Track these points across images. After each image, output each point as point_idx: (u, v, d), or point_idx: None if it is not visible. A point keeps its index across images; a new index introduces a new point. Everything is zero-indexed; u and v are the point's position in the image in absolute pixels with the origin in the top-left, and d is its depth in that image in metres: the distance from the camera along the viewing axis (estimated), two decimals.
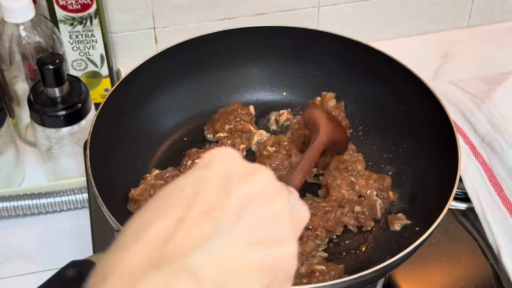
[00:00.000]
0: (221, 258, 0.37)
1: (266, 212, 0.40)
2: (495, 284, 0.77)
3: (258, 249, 0.38)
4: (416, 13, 1.13)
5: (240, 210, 0.39)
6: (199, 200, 0.39)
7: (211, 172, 0.41)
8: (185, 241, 0.37)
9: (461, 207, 0.85)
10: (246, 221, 0.39)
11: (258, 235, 0.39)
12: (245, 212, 0.39)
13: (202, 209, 0.38)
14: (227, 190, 0.40)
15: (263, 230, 0.39)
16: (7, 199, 0.85)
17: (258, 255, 0.38)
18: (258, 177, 0.41)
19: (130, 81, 0.81)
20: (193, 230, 0.37)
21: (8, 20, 0.84)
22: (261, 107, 0.90)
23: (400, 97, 0.84)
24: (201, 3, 1.02)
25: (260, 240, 0.39)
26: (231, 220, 0.38)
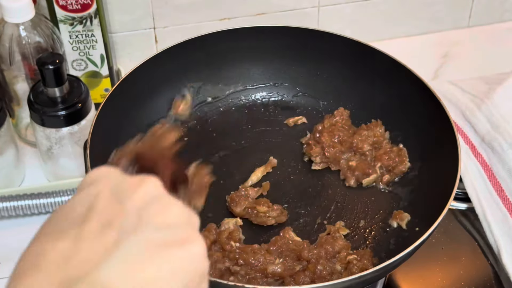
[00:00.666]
0: (131, 267, 0.36)
1: (165, 216, 0.40)
2: (495, 284, 0.77)
3: (169, 251, 0.38)
4: (416, 13, 1.13)
5: (140, 216, 0.39)
6: (93, 216, 0.38)
7: (100, 187, 0.40)
8: (89, 257, 0.36)
9: (461, 207, 0.85)
10: (149, 225, 0.38)
11: (164, 237, 0.38)
12: (145, 217, 0.39)
13: (100, 223, 0.37)
14: (121, 202, 0.39)
15: (168, 232, 0.39)
16: (7, 199, 0.85)
17: (168, 258, 0.37)
18: (148, 185, 0.41)
19: (130, 81, 0.81)
20: (95, 244, 0.36)
21: (8, 20, 0.84)
22: (261, 107, 0.90)
23: (400, 97, 0.84)
24: (201, 3, 1.02)
25: (166, 243, 0.38)
26: (132, 226, 0.38)
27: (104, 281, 0.34)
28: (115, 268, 0.35)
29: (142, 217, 0.39)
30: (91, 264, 0.35)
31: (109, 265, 0.35)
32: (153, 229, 0.38)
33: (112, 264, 0.35)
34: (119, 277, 0.35)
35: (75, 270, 0.35)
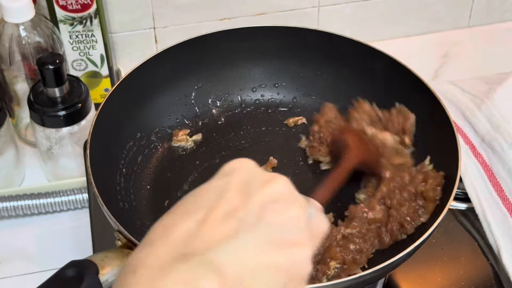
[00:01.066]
0: (243, 256, 0.39)
1: (285, 216, 0.42)
2: (495, 284, 0.77)
3: (277, 250, 0.41)
4: (416, 13, 1.13)
5: (261, 213, 0.41)
6: (221, 203, 0.41)
7: (233, 179, 0.44)
8: (208, 239, 0.39)
9: (461, 207, 0.85)
10: (266, 223, 0.41)
11: (276, 237, 0.41)
12: (265, 215, 0.42)
13: (224, 211, 0.41)
14: (248, 195, 0.42)
15: (281, 233, 0.42)
16: (7, 199, 0.85)
17: (276, 256, 0.41)
18: (277, 183, 0.44)
19: (130, 81, 0.81)
20: (216, 229, 0.40)
21: (8, 20, 0.84)
22: (261, 108, 0.90)
23: (400, 97, 0.84)
24: (201, 3, 1.02)
25: (278, 242, 0.41)
26: (252, 221, 0.41)
27: (216, 262, 0.38)
28: (228, 254, 0.39)
29: (263, 214, 0.41)
30: (208, 245, 0.39)
31: (224, 250, 0.39)
32: (269, 228, 0.41)
33: (226, 250, 0.39)
34: (230, 262, 0.38)
35: (194, 248, 0.39)
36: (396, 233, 0.71)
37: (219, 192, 0.42)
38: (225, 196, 0.42)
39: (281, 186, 0.44)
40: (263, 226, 0.41)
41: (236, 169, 0.45)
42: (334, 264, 0.69)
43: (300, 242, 0.43)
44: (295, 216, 0.43)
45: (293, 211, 0.43)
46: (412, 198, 0.73)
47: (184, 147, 0.85)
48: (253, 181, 0.44)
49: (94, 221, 0.80)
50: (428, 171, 0.75)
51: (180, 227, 0.40)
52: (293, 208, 0.43)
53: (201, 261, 0.38)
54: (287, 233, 0.42)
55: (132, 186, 0.78)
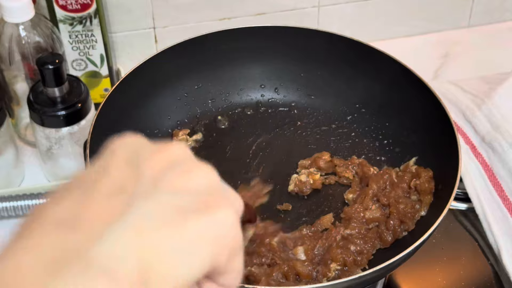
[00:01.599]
0: (141, 237, 0.30)
1: (191, 179, 0.34)
2: (495, 284, 0.77)
3: (188, 217, 0.32)
4: (416, 13, 1.13)
5: (156, 180, 0.33)
6: (103, 178, 0.33)
7: (117, 153, 0.35)
8: (90, 225, 0.30)
9: (461, 207, 0.85)
10: (166, 189, 0.32)
11: (185, 201, 0.32)
12: (163, 181, 0.33)
13: (109, 186, 0.32)
14: (137, 165, 0.34)
15: (191, 196, 0.33)
16: (7, 199, 0.85)
17: (190, 225, 0.31)
18: (172, 149, 0.35)
19: (130, 81, 0.81)
20: (100, 210, 0.31)
21: (8, 20, 0.84)
22: (261, 108, 0.90)
23: (400, 97, 0.84)
24: (201, 3, 1.02)
25: (189, 207, 0.32)
26: (147, 191, 0.32)
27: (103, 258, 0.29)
28: (119, 240, 0.30)
29: (160, 181, 0.33)
30: (90, 236, 0.30)
31: (112, 236, 0.30)
32: (171, 194, 0.32)
33: (115, 236, 0.30)
34: (123, 251, 0.29)
35: (74, 243, 0.29)
36: (398, 230, 0.72)
37: (101, 169, 0.34)
38: (108, 171, 0.33)
39: (178, 151, 0.35)
40: (162, 192, 0.32)
41: (120, 144, 0.36)
42: (334, 266, 0.69)
43: (218, 203, 0.33)
44: (205, 178, 0.34)
45: (201, 173, 0.34)
46: (407, 194, 0.75)
47: None
48: (141, 152, 0.35)
49: None
50: (417, 168, 0.77)
51: (53, 213, 0.31)
52: (199, 170, 0.35)
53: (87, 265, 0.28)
54: (199, 196, 0.33)
55: None
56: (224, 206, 0.34)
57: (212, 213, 0.33)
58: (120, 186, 0.32)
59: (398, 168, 0.80)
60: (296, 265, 0.69)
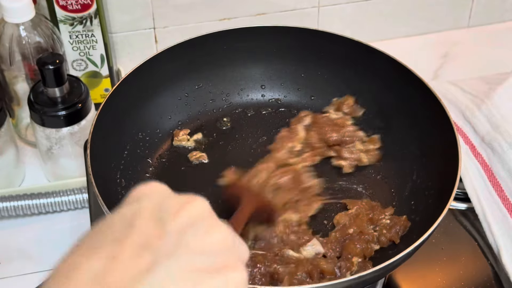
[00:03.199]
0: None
1: (208, 240, 0.38)
2: (495, 284, 0.77)
3: (205, 278, 0.36)
4: (416, 13, 1.13)
5: (179, 240, 0.37)
6: (132, 234, 0.36)
7: (143, 205, 0.39)
8: (121, 279, 0.34)
9: (461, 207, 0.85)
10: (187, 250, 0.37)
11: (202, 263, 0.37)
12: (184, 241, 0.37)
13: (137, 243, 0.36)
14: (162, 222, 0.37)
15: (207, 258, 0.37)
16: (7, 199, 0.85)
17: (206, 285, 0.36)
18: (194, 206, 0.39)
19: (131, 81, 0.81)
20: (128, 266, 0.35)
21: (8, 20, 0.84)
22: (262, 108, 0.90)
23: (400, 97, 0.84)
24: (201, 3, 1.03)
25: (206, 268, 0.37)
26: (169, 251, 0.36)
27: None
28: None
29: (181, 241, 0.37)
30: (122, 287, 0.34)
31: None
32: (190, 255, 0.37)
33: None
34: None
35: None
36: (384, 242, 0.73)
37: (128, 222, 0.37)
38: (135, 226, 0.37)
39: (199, 209, 0.39)
40: (184, 253, 0.36)
41: (145, 194, 0.40)
42: (356, 259, 0.69)
43: (231, 264, 0.38)
44: (220, 239, 0.39)
45: (217, 235, 0.39)
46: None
47: (185, 147, 0.85)
48: (166, 206, 0.38)
49: (94, 221, 0.80)
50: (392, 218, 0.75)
51: (87, 267, 0.34)
52: (216, 231, 0.39)
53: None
54: (214, 257, 0.37)
55: (132, 186, 0.78)
56: (235, 267, 0.38)
57: (224, 274, 0.37)
58: (146, 242, 0.36)
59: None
60: (320, 263, 0.69)
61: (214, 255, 0.38)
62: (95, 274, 0.34)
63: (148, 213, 0.38)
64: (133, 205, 0.39)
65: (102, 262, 0.35)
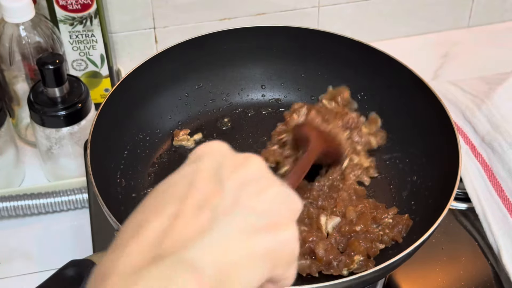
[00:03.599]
0: (221, 248, 0.37)
1: (263, 198, 0.40)
2: (495, 284, 0.77)
3: (259, 236, 0.38)
4: (416, 13, 1.13)
5: (236, 198, 0.39)
6: (192, 193, 0.39)
7: (202, 164, 0.41)
8: (182, 235, 0.37)
9: (461, 207, 0.85)
10: (243, 208, 0.39)
11: (256, 221, 0.39)
12: (240, 200, 0.39)
13: (197, 202, 0.38)
14: (220, 180, 0.40)
15: (261, 216, 0.39)
16: (7, 199, 0.85)
17: (259, 242, 0.38)
18: (250, 165, 0.41)
19: (131, 81, 0.81)
20: (190, 224, 0.37)
21: (8, 20, 0.84)
22: (262, 108, 0.90)
23: (400, 97, 0.84)
24: (201, 3, 1.02)
25: (260, 226, 0.39)
26: (227, 209, 0.38)
27: (192, 260, 0.35)
28: (204, 249, 0.36)
29: (238, 199, 0.39)
30: (182, 243, 0.36)
31: (199, 246, 0.36)
32: (246, 213, 0.39)
33: (202, 245, 0.36)
34: (207, 258, 0.36)
35: (168, 247, 0.36)
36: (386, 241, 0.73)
37: (189, 181, 0.39)
38: (196, 185, 0.39)
39: (255, 168, 0.42)
40: (240, 211, 0.39)
41: (206, 153, 0.42)
42: (358, 258, 0.69)
43: (283, 222, 0.40)
44: (273, 197, 0.41)
45: (271, 193, 0.41)
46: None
47: (185, 147, 0.85)
48: (224, 165, 0.41)
49: (94, 221, 0.80)
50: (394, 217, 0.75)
51: (152, 225, 0.37)
52: (270, 189, 0.41)
53: (176, 261, 0.35)
54: (267, 215, 0.40)
55: (132, 186, 0.78)
56: (286, 226, 0.40)
57: (277, 233, 0.39)
58: (205, 200, 0.38)
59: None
60: (316, 246, 0.69)
61: (267, 213, 0.40)
62: (159, 232, 0.37)
63: (207, 172, 0.40)
64: (193, 164, 0.41)
65: (165, 221, 0.37)
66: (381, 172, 0.82)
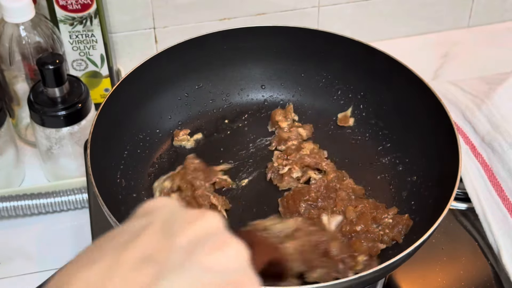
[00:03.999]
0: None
1: (220, 256, 0.36)
2: (495, 284, 0.77)
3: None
4: (416, 13, 1.13)
5: (188, 254, 0.35)
6: (135, 246, 0.34)
7: (152, 218, 0.37)
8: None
9: (461, 207, 0.85)
10: (195, 265, 0.34)
11: (209, 280, 0.34)
12: (193, 256, 0.35)
13: (140, 255, 0.34)
14: (170, 235, 0.35)
15: (218, 274, 0.35)
16: (7, 199, 0.85)
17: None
18: (206, 219, 0.37)
19: (131, 81, 0.81)
20: (129, 278, 0.33)
21: (8, 20, 0.84)
22: (262, 108, 0.90)
23: (400, 97, 0.84)
24: (201, 3, 1.02)
25: (215, 285, 0.34)
26: (175, 265, 0.34)
27: None
28: None
29: (191, 256, 0.34)
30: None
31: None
32: (199, 270, 0.34)
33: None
34: None
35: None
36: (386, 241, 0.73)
37: (135, 233, 0.35)
38: (140, 238, 0.35)
39: (211, 224, 0.37)
40: (191, 268, 0.34)
41: (157, 207, 0.38)
42: (362, 258, 0.69)
43: (247, 281, 0.36)
44: (234, 256, 0.36)
45: (230, 251, 0.36)
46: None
47: (185, 147, 0.85)
48: (176, 220, 0.36)
49: (94, 221, 0.80)
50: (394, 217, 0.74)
51: (80, 279, 0.33)
52: (230, 248, 0.36)
53: None
54: (226, 275, 0.35)
55: (132, 186, 0.78)
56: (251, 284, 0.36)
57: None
58: (149, 255, 0.34)
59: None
60: (330, 244, 0.68)
61: (226, 272, 0.35)
62: (91, 285, 0.33)
63: (156, 227, 0.36)
64: (141, 219, 0.37)
65: (100, 273, 0.33)
66: (381, 172, 0.82)
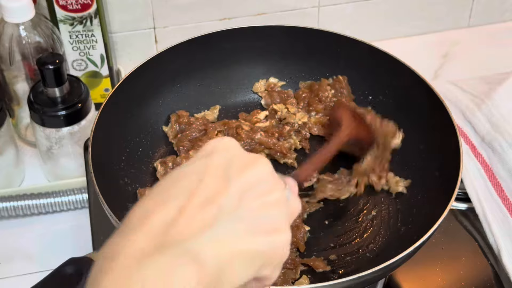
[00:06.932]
0: (222, 244, 0.39)
1: (264, 201, 0.42)
2: (495, 284, 0.77)
3: (256, 237, 0.41)
4: (416, 13, 1.13)
5: (240, 199, 0.41)
6: (200, 189, 0.40)
7: (212, 161, 0.42)
8: (187, 227, 0.39)
9: (461, 207, 0.85)
10: (246, 209, 0.41)
11: (256, 222, 0.41)
12: (244, 201, 0.41)
13: (203, 198, 0.40)
14: (228, 179, 0.42)
15: (261, 218, 0.42)
16: (7, 199, 0.85)
17: (255, 242, 0.41)
18: (257, 167, 0.43)
19: (131, 81, 0.81)
20: (195, 217, 0.39)
21: (8, 20, 0.84)
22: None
23: (401, 96, 0.84)
24: (201, 3, 1.02)
25: (258, 228, 0.41)
26: (231, 208, 0.40)
27: (195, 252, 0.37)
28: (207, 244, 0.38)
29: (243, 199, 0.41)
30: (187, 235, 0.38)
31: (203, 239, 0.38)
32: (247, 214, 0.41)
33: (205, 240, 0.38)
34: (209, 252, 0.38)
35: (173, 237, 0.38)
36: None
37: (198, 176, 0.41)
38: (204, 181, 0.41)
39: (261, 170, 0.44)
40: (242, 212, 0.41)
41: (217, 149, 0.44)
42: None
43: (279, 228, 0.43)
44: (275, 201, 0.43)
45: (273, 197, 0.43)
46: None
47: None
48: (233, 164, 0.43)
49: (94, 221, 0.80)
50: None
51: (159, 215, 0.39)
52: (273, 194, 0.43)
53: (179, 251, 0.37)
54: (266, 219, 0.42)
55: (133, 186, 0.78)
56: (282, 231, 0.43)
57: (272, 237, 0.42)
58: (212, 197, 0.40)
59: None
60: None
61: (267, 217, 0.42)
62: (164, 223, 0.38)
63: (217, 169, 0.42)
64: (204, 159, 0.43)
65: (172, 213, 0.39)
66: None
